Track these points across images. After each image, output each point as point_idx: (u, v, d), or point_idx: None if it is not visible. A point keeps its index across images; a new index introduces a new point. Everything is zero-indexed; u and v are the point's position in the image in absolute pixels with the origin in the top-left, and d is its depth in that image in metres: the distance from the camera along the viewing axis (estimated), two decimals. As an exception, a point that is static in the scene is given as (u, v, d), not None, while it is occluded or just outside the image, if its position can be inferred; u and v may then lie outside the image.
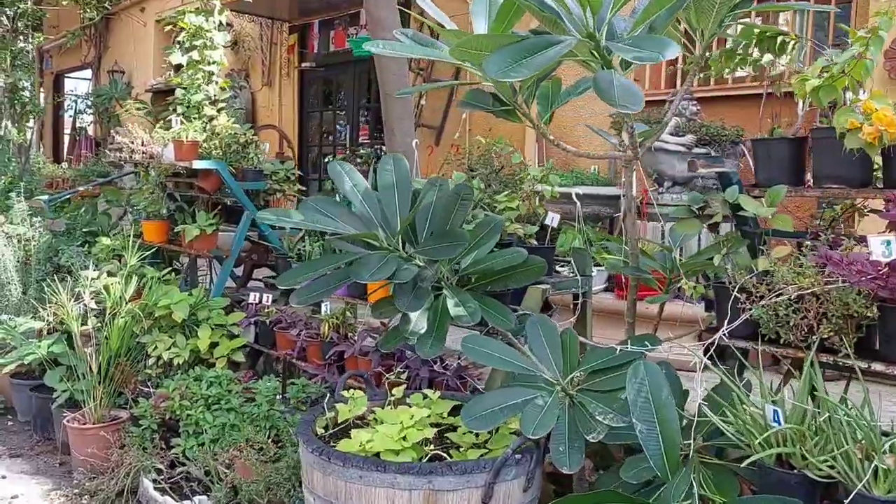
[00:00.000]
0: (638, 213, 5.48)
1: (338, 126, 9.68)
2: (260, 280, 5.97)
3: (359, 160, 7.03)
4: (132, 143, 5.18)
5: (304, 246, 4.92)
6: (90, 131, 14.91)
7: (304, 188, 5.45)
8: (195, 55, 5.58)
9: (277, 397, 3.88)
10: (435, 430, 2.65)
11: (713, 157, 5.00)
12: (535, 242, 3.66)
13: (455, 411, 2.85)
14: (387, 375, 3.59)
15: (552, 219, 3.95)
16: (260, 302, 4.83)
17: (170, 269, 5.42)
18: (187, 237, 4.82)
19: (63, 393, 4.37)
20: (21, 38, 8.30)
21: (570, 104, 6.83)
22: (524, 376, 2.53)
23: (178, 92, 5.52)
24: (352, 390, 2.75)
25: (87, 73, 15.30)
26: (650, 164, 5.14)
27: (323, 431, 2.69)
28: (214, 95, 5.43)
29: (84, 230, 5.72)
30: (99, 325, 4.46)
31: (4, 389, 5.07)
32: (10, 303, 5.14)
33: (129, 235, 5.54)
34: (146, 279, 4.75)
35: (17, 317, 5.03)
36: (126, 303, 4.28)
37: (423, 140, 7.09)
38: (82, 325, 4.38)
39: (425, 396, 2.89)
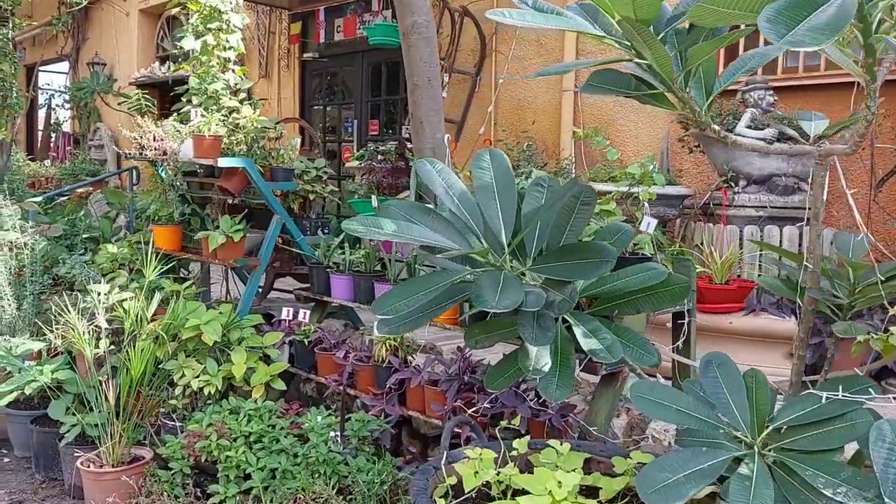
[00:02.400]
0: (703, 213, 4.99)
1: (344, 121, 9.07)
2: (283, 291, 5.39)
3: (380, 157, 6.46)
4: (141, 137, 4.56)
5: (342, 254, 4.37)
6: (67, 127, 14.11)
7: (336, 189, 4.87)
8: (210, 39, 4.96)
9: (331, 434, 3.32)
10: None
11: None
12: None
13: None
14: (469, 412, 3.05)
15: (648, 224, 3.43)
16: (294, 318, 4.26)
17: (185, 280, 4.82)
18: (211, 245, 4.22)
19: (73, 428, 3.76)
20: (2, 25, 7.57)
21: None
22: (701, 431, 2.01)
23: (192, 81, 4.90)
24: (474, 447, 2.20)
25: (62, 65, 14.49)
26: (724, 160, 4.65)
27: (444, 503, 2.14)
28: (236, 84, 4.82)
29: (84, 236, 5.08)
30: (113, 348, 3.86)
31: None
32: (2, 321, 4.49)
33: (139, 242, 4.93)
34: (165, 293, 4.15)
35: (11, 336, 4.39)
36: (147, 323, 3.68)
37: (446, 135, 6.55)
38: (94, 348, 3.77)
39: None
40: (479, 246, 2.50)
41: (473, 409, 3.04)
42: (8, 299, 4.50)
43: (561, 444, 2.31)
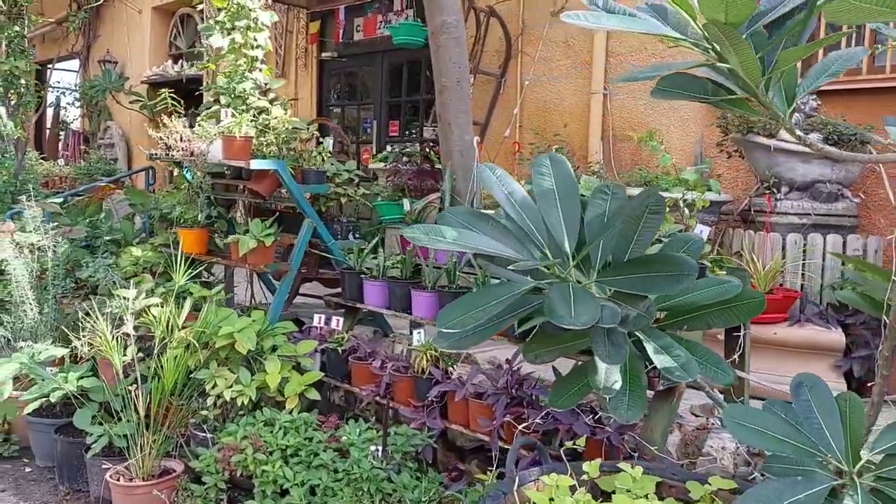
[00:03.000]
0: (744, 220, 4.86)
1: (363, 122, 8.95)
2: (306, 295, 5.27)
3: (405, 158, 6.33)
4: (168, 137, 4.43)
5: (375, 259, 4.24)
6: (77, 126, 13.99)
7: (367, 192, 4.75)
8: (238, 37, 4.84)
9: (372, 448, 3.19)
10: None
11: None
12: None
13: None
14: (520, 428, 2.92)
15: (701, 232, 3.31)
16: (326, 325, 4.13)
17: (208, 285, 4.70)
18: (241, 249, 4.10)
19: (100, 438, 3.64)
20: (17, 21, 7.45)
21: (644, 93, 6.20)
22: (794, 458, 1.88)
23: (220, 80, 4.78)
24: (551, 472, 2.07)
25: (68, 63, 14.35)
26: (767, 166, 4.52)
27: (517, 532, 2.01)
28: (266, 84, 4.70)
29: (106, 239, 4.96)
30: (141, 355, 3.74)
31: (19, 427, 4.32)
32: (24, 325, 4.38)
33: (163, 245, 4.82)
34: (194, 299, 4.02)
35: (34, 342, 4.27)
36: (178, 330, 3.56)
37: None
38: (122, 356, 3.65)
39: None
40: (539, 255, 2.38)
41: (524, 424, 2.91)
42: (30, 303, 4.39)
43: (632, 467, 2.18)
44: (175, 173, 5.15)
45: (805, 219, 4.42)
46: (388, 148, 8.21)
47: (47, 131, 15.05)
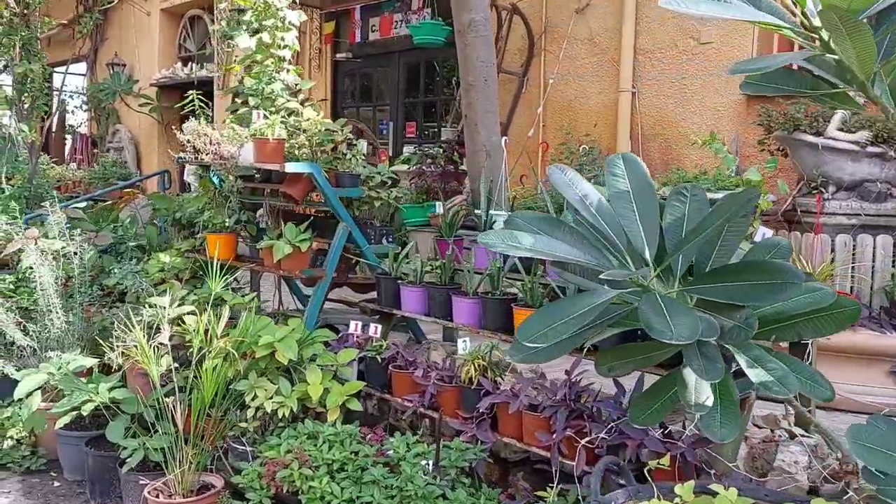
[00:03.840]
0: (788, 221, 4.73)
1: (379, 123, 8.82)
2: (332, 301, 5.14)
3: (430, 160, 6.21)
4: (196, 140, 4.30)
5: (409, 264, 4.12)
6: (84, 129, 13.86)
7: (400, 195, 4.62)
8: (265, 37, 4.72)
9: (423, 463, 3.06)
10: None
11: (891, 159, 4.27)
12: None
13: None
14: (583, 442, 2.80)
15: (763, 234, 3.18)
16: (363, 332, 4.00)
17: (234, 290, 4.58)
18: (276, 255, 3.97)
19: (136, 452, 3.51)
20: (29, 23, 7.32)
21: (674, 91, 6.08)
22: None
23: (247, 81, 4.66)
24: (638, 495, 1.94)
25: (71, 66, 14.19)
26: (813, 165, 4.39)
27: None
28: (297, 85, 4.57)
29: (131, 245, 4.83)
30: (176, 366, 3.61)
31: (46, 439, 4.19)
32: (51, 334, 4.25)
33: (190, 251, 4.69)
34: (228, 306, 3.89)
35: (61, 351, 4.15)
36: (217, 339, 3.43)
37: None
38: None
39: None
40: (616, 262, 2.25)
41: (587, 439, 2.78)
42: (56, 312, 4.26)
43: (727, 489, 2.05)
44: (179, 176, 5.02)
45: (854, 219, 4.30)
46: (405, 150, 8.10)
47: (52, 135, 14.93)
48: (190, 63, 11.82)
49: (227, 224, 4.58)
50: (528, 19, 6.76)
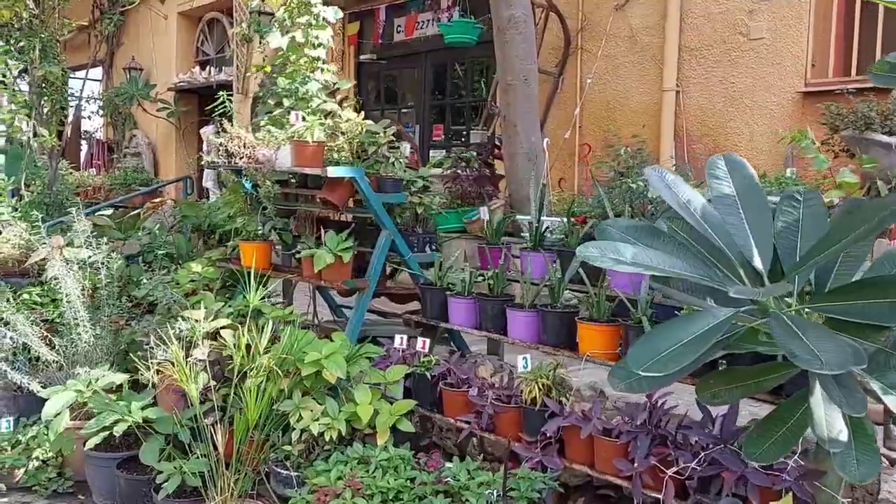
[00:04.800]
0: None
1: (405, 126, 8.59)
2: (376, 312, 4.90)
3: (463, 163, 5.96)
4: (228, 144, 4.08)
5: (457, 274, 3.89)
6: (100, 135, 13.69)
7: (443, 201, 4.38)
8: (298, 36, 4.50)
9: (487, 492, 2.81)
10: None
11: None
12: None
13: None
14: (669, 473, 2.54)
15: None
16: (408, 347, 3.76)
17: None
18: (316, 265, 3.74)
19: (172, 477, 3.28)
20: (48, 25, 7.14)
21: (722, 90, 5.80)
22: None
23: (281, 81, 4.43)
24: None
25: (84, 71, 14.03)
26: (887, 166, 4.11)
27: None
28: (335, 84, 4.35)
29: (160, 253, 4.61)
30: (215, 384, 3.38)
31: (73, 460, 3.96)
32: (78, 349, 4.02)
33: (221, 260, 4.46)
34: (266, 319, 3.66)
35: (89, 367, 3.92)
36: (260, 356, 3.19)
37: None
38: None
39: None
40: (720, 275, 1.99)
41: (675, 469, 2.53)
42: (84, 325, 4.04)
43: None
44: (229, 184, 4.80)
45: (930, 224, 4.02)
46: (432, 154, 7.86)
47: (67, 140, 14.76)
48: (208, 67, 11.64)
49: (260, 232, 4.35)
50: (564, 16, 6.51)
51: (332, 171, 3.68)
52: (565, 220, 3.84)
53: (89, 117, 13.46)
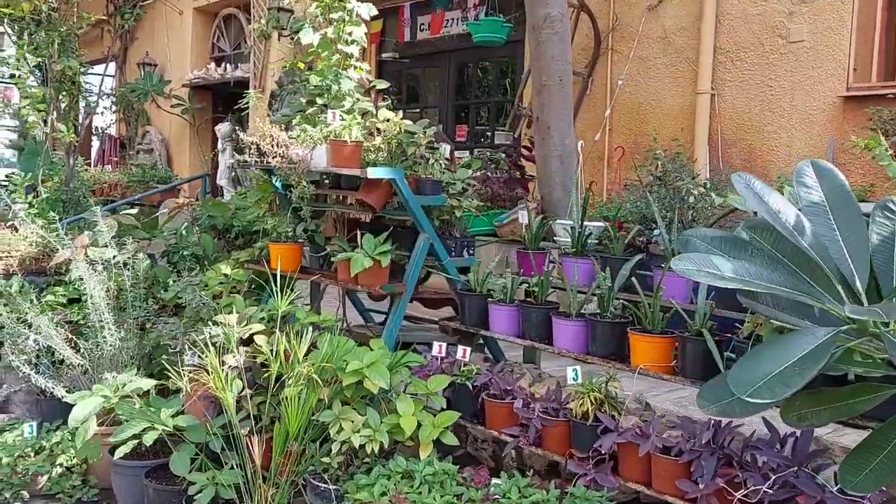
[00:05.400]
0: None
1: (428, 126, 8.46)
2: (411, 319, 4.78)
3: (492, 164, 5.84)
4: (261, 142, 3.95)
5: (498, 280, 3.76)
6: (112, 131, 13.58)
7: (488, 204, 4.25)
8: (330, 32, 4.37)
9: (541, 511, 2.69)
10: None
11: None
12: None
13: None
14: (738, 496, 2.40)
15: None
16: (447, 355, 3.63)
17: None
18: (353, 268, 3.61)
19: (205, 490, 3.15)
20: (67, 19, 7.03)
21: (759, 93, 5.65)
22: None
23: (313, 79, 4.31)
24: None
25: (99, 66, 13.91)
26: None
27: None
28: (371, 83, 4.22)
29: (186, 254, 4.49)
30: (248, 392, 3.25)
31: (98, 467, 3.84)
32: (104, 353, 3.90)
33: (248, 261, 4.34)
34: (301, 325, 3.54)
35: (116, 371, 3.80)
36: (299, 364, 3.07)
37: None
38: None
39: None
40: (821, 292, 1.86)
41: (744, 492, 2.39)
42: (109, 328, 3.91)
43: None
44: (256, 183, 4.68)
45: None
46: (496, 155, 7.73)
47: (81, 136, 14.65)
48: (224, 63, 11.53)
49: (290, 234, 4.22)
50: (595, 17, 6.38)
51: (372, 172, 3.55)
52: (604, 225, 3.73)
53: (102, 113, 13.34)
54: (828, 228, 1.95)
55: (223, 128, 11.26)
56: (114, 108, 13.21)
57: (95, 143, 13.80)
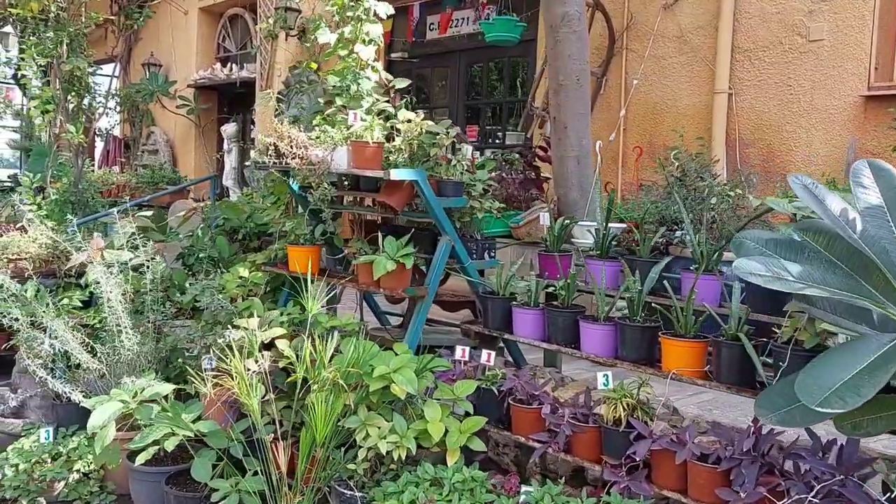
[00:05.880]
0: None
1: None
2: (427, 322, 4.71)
3: (506, 164, 5.78)
4: (279, 143, 3.89)
5: (521, 283, 3.70)
6: (117, 132, 13.52)
7: (502, 205, 4.20)
8: (347, 31, 4.31)
9: (575, 520, 2.63)
10: None
11: None
12: None
13: None
14: None
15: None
16: (471, 359, 3.57)
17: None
18: (376, 272, 3.55)
19: (228, 497, 3.10)
20: (76, 19, 6.98)
21: (778, 93, 5.59)
22: None
23: (331, 79, 4.25)
24: None
25: (110, 66, 13.86)
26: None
27: None
28: (390, 82, 4.16)
29: (202, 256, 4.43)
30: (270, 397, 3.20)
31: (116, 473, 3.78)
32: (121, 357, 3.85)
33: (265, 264, 4.29)
34: (323, 329, 3.48)
35: (134, 376, 3.74)
36: (325, 369, 3.01)
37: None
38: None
39: None
40: (883, 299, 1.80)
41: (789, 501, 2.34)
42: (127, 332, 3.86)
43: None
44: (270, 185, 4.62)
45: None
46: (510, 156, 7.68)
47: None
48: (229, 63, 11.47)
49: (308, 236, 4.16)
50: (609, 15, 6.32)
51: (396, 174, 3.49)
52: (625, 226, 3.69)
53: (107, 114, 13.27)
54: (887, 230, 1.89)
55: (229, 128, 11.22)
56: (118, 108, 13.16)
57: (98, 145, 13.75)
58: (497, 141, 7.66)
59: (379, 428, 3.04)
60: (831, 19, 5.25)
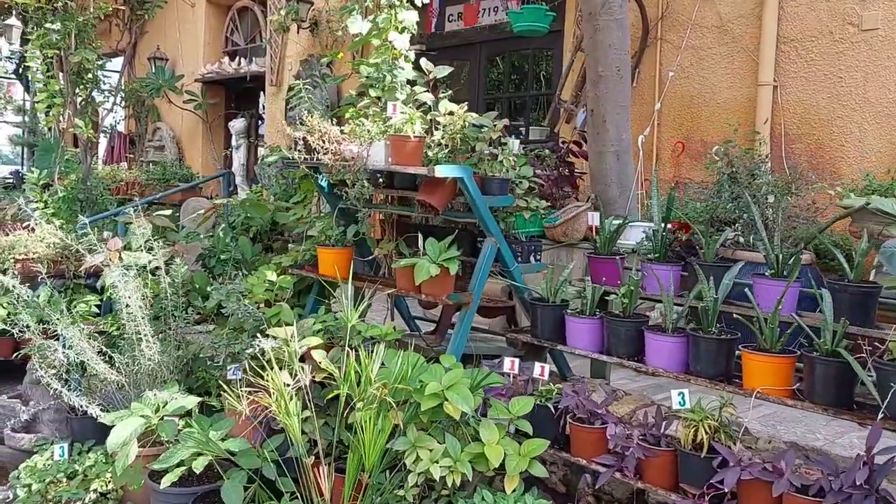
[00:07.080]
0: None
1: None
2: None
3: (536, 160, 5.50)
4: (310, 138, 3.61)
5: (573, 290, 3.43)
6: (121, 127, 13.21)
7: (548, 204, 3.92)
8: (381, 20, 4.03)
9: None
10: None
11: None
12: None
13: None
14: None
15: None
16: (521, 372, 3.29)
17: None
18: (418, 276, 3.27)
19: (264, 526, 2.83)
20: (85, 8, 6.68)
21: (828, 85, 5.27)
22: None
23: (364, 69, 3.97)
24: None
25: (121, 60, 13.56)
26: None
27: None
28: (431, 73, 3.88)
29: (223, 258, 4.15)
30: (309, 415, 2.92)
31: (138, 494, 3.51)
32: (141, 367, 3.57)
33: (292, 266, 4.01)
34: (360, 338, 3.20)
35: (157, 389, 3.47)
36: (371, 385, 2.73)
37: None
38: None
39: None
40: None
41: (912, 541, 2.06)
42: (148, 340, 3.58)
43: None
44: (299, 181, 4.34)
45: None
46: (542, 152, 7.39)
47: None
48: (238, 57, 11.17)
49: (339, 236, 3.88)
50: (643, 4, 6.03)
51: (440, 171, 3.21)
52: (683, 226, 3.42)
53: (113, 109, 12.97)
54: None
55: (237, 124, 10.91)
56: (123, 103, 12.85)
57: (102, 141, 13.44)
58: (520, 137, 7.37)
59: (430, 451, 2.76)
60: (886, 7, 4.97)
